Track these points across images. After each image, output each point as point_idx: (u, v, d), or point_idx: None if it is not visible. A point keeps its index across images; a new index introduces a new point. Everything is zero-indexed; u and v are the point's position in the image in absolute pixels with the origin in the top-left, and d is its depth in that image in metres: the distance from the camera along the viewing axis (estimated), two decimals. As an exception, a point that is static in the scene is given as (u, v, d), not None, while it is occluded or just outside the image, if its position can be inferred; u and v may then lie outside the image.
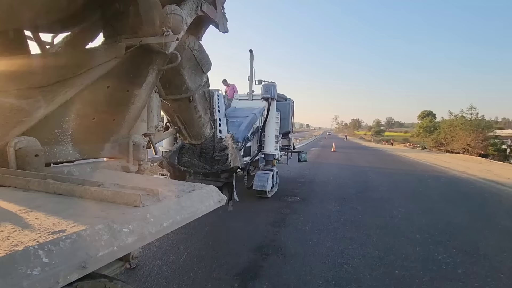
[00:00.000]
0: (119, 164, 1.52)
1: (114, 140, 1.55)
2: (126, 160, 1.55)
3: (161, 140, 2.78)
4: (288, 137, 8.20)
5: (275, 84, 6.14)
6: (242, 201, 5.87)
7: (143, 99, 1.56)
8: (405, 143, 50.07)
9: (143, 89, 1.50)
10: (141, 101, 1.55)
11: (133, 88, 1.46)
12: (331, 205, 6.00)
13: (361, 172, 11.19)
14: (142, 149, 1.56)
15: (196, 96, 2.95)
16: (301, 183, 8.27)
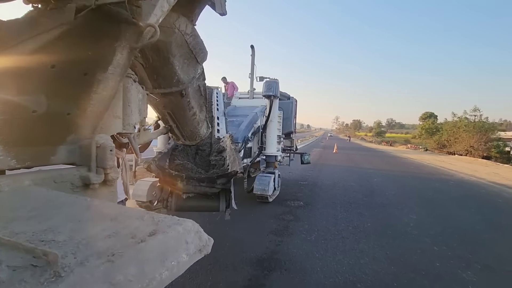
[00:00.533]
0: (76, 174, 1.13)
1: (71, 142, 1.16)
2: (87, 168, 1.16)
3: (148, 140, 2.40)
4: (290, 138, 7.81)
5: (278, 81, 5.75)
6: (241, 206, 5.47)
7: (111, 87, 1.17)
8: (406, 144, 49.77)
9: (110, 73, 1.12)
10: (108, 90, 1.16)
11: (94, 71, 1.07)
12: (337, 210, 5.60)
13: (365, 175, 10.79)
14: (109, 153, 1.17)
15: (189, 90, 2.55)
16: (304, 186, 7.87)
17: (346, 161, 15.91)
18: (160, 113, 2.79)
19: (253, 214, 5.09)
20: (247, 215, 5.01)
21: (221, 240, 3.85)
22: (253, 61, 7.10)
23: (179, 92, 2.51)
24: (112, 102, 1.35)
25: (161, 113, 2.78)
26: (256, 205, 5.62)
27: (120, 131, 1.44)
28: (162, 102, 2.62)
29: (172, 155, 3.15)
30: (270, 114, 5.77)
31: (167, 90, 2.43)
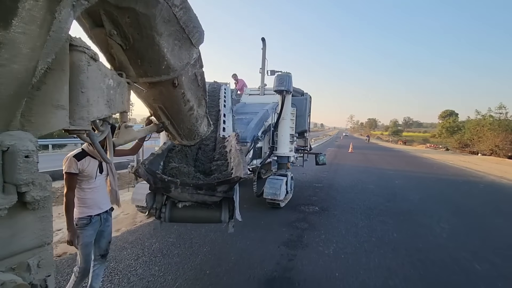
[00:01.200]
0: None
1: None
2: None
3: (131, 139, 1.98)
4: (304, 137, 7.27)
5: (291, 74, 5.24)
6: (250, 212, 5.03)
7: (27, 56, 0.74)
8: (425, 143, 47.79)
9: (16, 32, 0.69)
10: (21, 61, 0.73)
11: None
12: (357, 217, 5.03)
13: (385, 176, 10.06)
14: (24, 161, 0.74)
15: (183, 79, 2.11)
16: (319, 189, 7.31)
17: (363, 161, 15.12)
18: (151, 108, 2.36)
19: (263, 221, 4.62)
20: (256, 222, 4.55)
21: (226, 252, 3.41)
22: (264, 54, 6.61)
23: (170, 82, 2.06)
24: (48, 84, 0.93)
25: (152, 108, 2.36)
26: (267, 211, 5.15)
27: (66, 127, 1.02)
28: (151, 94, 2.19)
29: (168, 157, 2.72)
30: (282, 111, 5.27)
31: (155, 78, 1.99)
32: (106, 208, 2.27)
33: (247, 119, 5.44)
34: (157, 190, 2.30)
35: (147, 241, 3.63)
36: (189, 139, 2.79)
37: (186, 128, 2.64)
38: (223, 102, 4.96)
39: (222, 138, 3.63)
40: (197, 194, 2.28)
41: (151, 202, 2.37)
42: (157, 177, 2.26)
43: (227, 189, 2.24)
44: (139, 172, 2.20)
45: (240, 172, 2.28)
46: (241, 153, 2.71)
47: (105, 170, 2.25)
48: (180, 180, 2.27)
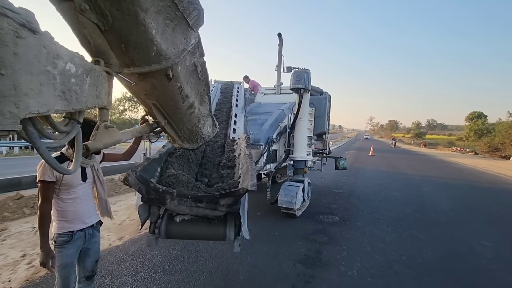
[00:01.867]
0: None
1: None
2: None
3: (113, 142, 1.64)
4: (323, 139, 6.77)
5: (309, 71, 4.79)
6: (264, 220, 4.62)
7: None
8: (451, 147, 45.24)
9: None
10: None
11: None
12: (383, 230, 4.48)
13: (410, 182, 9.29)
14: None
15: (179, 70, 1.76)
16: (339, 196, 6.77)
17: (385, 165, 14.25)
18: (145, 105, 2.03)
19: (277, 232, 4.20)
20: (269, 233, 4.13)
21: (234, 270, 3.02)
22: (280, 51, 6.19)
23: (163, 73, 1.71)
24: None
25: (146, 105, 2.02)
26: (282, 220, 4.72)
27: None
28: (142, 88, 1.85)
29: (167, 163, 2.38)
30: (300, 111, 4.83)
31: (144, 68, 1.64)
32: (92, 221, 1.95)
33: (261, 119, 5.05)
34: (151, 201, 1.96)
35: (149, 253, 3.32)
36: (191, 142, 2.43)
37: (186, 129, 2.28)
38: (235, 101, 4.60)
39: (232, 140, 3.26)
40: (197, 207, 1.91)
41: (144, 215, 2.03)
42: (150, 187, 1.92)
43: (231, 203, 1.86)
44: (128, 181, 1.87)
45: (247, 182, 1.89)
46: (250, 159, 2.32)
47: (90, 177, 1.94)
48: (176, 191, 1.91)
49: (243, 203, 2.08)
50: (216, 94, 5.16)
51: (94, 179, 1.96)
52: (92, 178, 1.95)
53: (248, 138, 2.88)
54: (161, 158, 2.37)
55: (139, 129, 1.90)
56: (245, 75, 7.39)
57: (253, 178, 1.90)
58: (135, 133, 1.83)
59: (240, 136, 3.22)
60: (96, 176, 1.97)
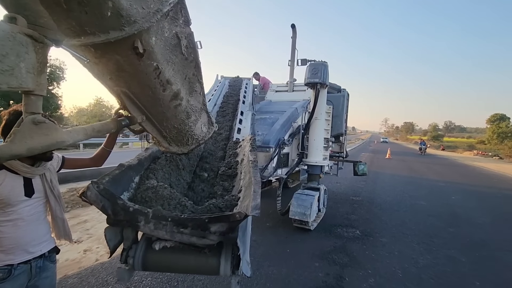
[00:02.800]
0: None
1: None
2: None
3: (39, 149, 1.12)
4: (339, 141, 6.13)
5: (327, 64, 4.19)
6: (274, 234, 4.04)
7: None
8: (471, 150, 42.98)
9: None
10: None
11: None
12: (414, 250, 3.81)
13: (436, 190, 8.46)
14: None
15: (152, 42, 1.23)
16: (358, 204, 6.10)
17: (405, 169, 13.33)
18: (114, 95, 1.52)
19: (288, 249, 3.61)
20: (280, 250, 3.55)
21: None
22: (294, 44, 5.62)
23: (128, 45, 1.19)
24: None
25: (115, 95, 1.51)
26: (294, 233, 4.13)
27: None
28: (104, 69, 1.34)
29: (148, 171, 1.85)
30: (315, 109, 4.23)
31: (99, 37, 1.13)
32: (42, 250, 1.45)
33: (272, 119, 4.49)
34: (119, 224, 1.44)
35: (137, 273, 2.83)
36: (180, 144, 1.90)
37: (172, 128, 1.74)
38: (242, 97, 4.07)
39: (235, 142, 2.72)
40: (180, 233, 1.36)
41: (114, 240, 1.51)
42: (118, 205, 1.40)
43: (225, 230, 1.30)
44: (87, 196, 1.35)
45: (247, 202, 1.35)
46: (255, 167, 1.76)
47: (40, 191, 1.44)
48: (152, 211, 1.38)
49: (243, 229, 1.52)
50: (223, 88, 4.65)
51: (46, 193, 1.46)
52: (42, 192, 1.45)
53: (253, 139, 2.32)
54: (141, 165, 1.85)
55: (97, 126, 1.36)
56: (255, 72, 6.86)
57: (255, 197, 1.34)
58: (90, 131, 1.30)
59: (245, 138, 2.68)
60: (49, 189, 1.46)
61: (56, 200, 1.50)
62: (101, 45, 1.18)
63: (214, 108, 3.88)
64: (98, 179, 1.48)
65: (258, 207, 1.26)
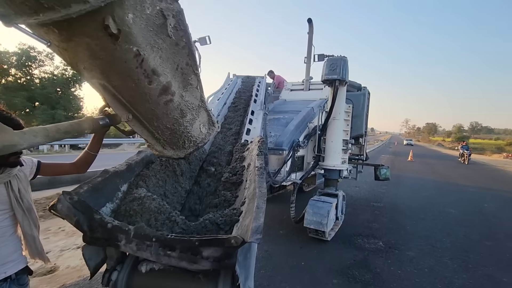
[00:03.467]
0: None
1: None
2: None
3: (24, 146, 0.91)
4: (359, 143, 5.72)
5: (346, 59, 3.83)
6: (287, 243, 3.73)
7: None
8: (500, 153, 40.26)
9: None
10: None
11: None
12: (447, 267, 3.37)
13: (466, 196, 7.77)
14: None
15: (129, 19, 0.98)
16: (380, 211, 5.64)
17: (429, 173, 12.52)
18: (94, 88, 1.29)
19: (303, 261, 3.29)
20: (293, 263, 3.23)
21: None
22: (310, 40, 5.28)
23: (98, 24, 0.95)
24: None
25: (95, 88, 1.28)
26: (309, 242, 3.80)
27: None
28: (74, 55, 1.12)
29: (139, 178, 1.61)
30: (334, 108, 3.88)
31: (59, 13, 0.89)
32: (7, 272, 1.24)
33: (286, 119, 4.18)
34: (97, 242, 1.20)
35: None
36: (176, 148, 1.64)
37: (165, 128, 1.49)
38: (254, 96, 3.80)
39: (242, 145, 2.44)
40: (167, 256, 1.11)
41: (95, 260, 1.28)
42: (95, 220, 1.17)
43: (220, 256, 1.02)
44: (57, 209, 1.13)
45: (247, 224, 1.07)
46: (261, 176, 1.47)
47: (4, 203, 1.23)
48: (134, 228, 1.13)
49: (245, 251, 1.23)
50: (235, 86, 4.41)
51: (12, 205, 1.25)
52: (7, 204, 1.23)
53: (262, 142, 2.04)
54: (131, 171, 1.60)
55: (64, 126, 1.11)
56: (270, 70, 6.58)
57: (258, 215, 1.05)
58: (54, 133, 1.04)
59: (253, 139, 2.40)
60: (15, 201, 1.25)
61: (24, 214, 1.28)
62: (64, 24, 0.94)
63: (224, 107, 3.63)
64: (73, 189, 1.25)
65: (260, 231, 0.97)
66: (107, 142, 18.87)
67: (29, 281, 1.38)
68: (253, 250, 1.35)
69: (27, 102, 17.44)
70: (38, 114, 16.81)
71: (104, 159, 7.44)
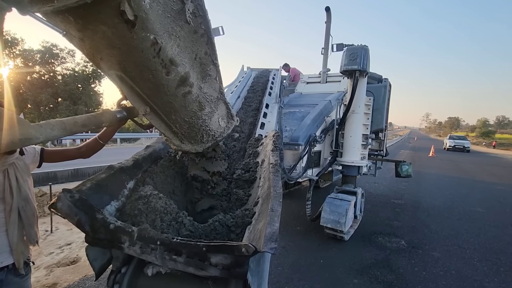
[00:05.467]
0: None
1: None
2: None
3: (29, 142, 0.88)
4: (379, 138, 5.48)
5: (367, 48, 3.64)
6: (304, 239, 3.64)
7: None
8: (531, 148, 37.85)
9: None
10: None
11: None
12: (476, 269, 3.17)
13: (493, 194, 7.34)
14: None
15: (146, 5, 0.92)
16: (401, 209, 5.43)
17: (453, 169, 11.95)
18: (111, 80, 1.25)
19: (322, 259, 3.20)
20: (311, 261, 3.15)
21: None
22: (328, 30, 5.09)
23: (113, 10, 0.90)
24: None
25: (112, 79, 1.24)
26: (327, 239, 3.70)
27: None
28: (91, 45, 1.07)
29: (146, 174, 1.55)
30: (353, 100, 3.71)
31: None
32: (4, 262, 1.23)
33: (302, 113, 4.06)
34: (99, 243, 1.15)
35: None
36: (194, 142, 1.59)
37: (182, 122, 1.44)
38: (269, 89, 3.70)
39: (256, 139, 2.35)
40: (173, 261, 1.04)
41: (99, 261, 1.21)
42: (97, 220, 1.12)
43: (230, 264, 0.94)
44: (57, 208, 1.08)
45: (260, 229, 0.98)
46: (275, 173, 1.38)
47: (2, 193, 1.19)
48: (137, 230, 1.07)
49: (258, 258, 1.15)
50: (249, 79, 4.32)
51: (4, 195, 1.21)
52: (3, 193, 1.21)
53: (278, 136, 1.95)
54: (138, 167, 1.53)
55: (82, 119, 1.08)
56: (285, 63, 6.43)
57: (273, 219, 0.96)
58: (71, 126, 1.02)
59: (268, 134, 2.31)
60: (9, 191, 1.21)
61: (22, 203, 1.25)
62: (79, 10, 0.90)
63: (238, 101, 3.56)
64: (75, 187, 1.21)
65: (274, 238, 0.87)
66: (126, 137, 19.41)
67: (30, 272, 1.36)
68: (267, 254, 1.27)
69: (51, 98, 18.18)
70: (62, 110, 17.47)
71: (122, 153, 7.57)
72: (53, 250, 3.31)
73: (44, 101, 17.27)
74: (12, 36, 16.42)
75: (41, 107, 17.60)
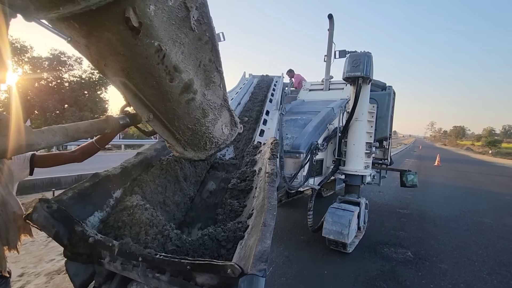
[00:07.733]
0: None
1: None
2: None
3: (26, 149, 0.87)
4: (383, 146, 5.42)
5: (371, 54, 3.63)
6: (307, 249, 3.57)
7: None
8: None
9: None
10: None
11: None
12: (485, 282, 3.06)
13: (503, 205, 7.17)
14: None
15: (150, 12, 0.92)
16: (406, 218, 5.32)
17: (459, 179, 11.76)
18: (115, 87, 1.25)
19: (326, 270, 3.12)
20: (315, 272, 3.07)
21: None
22: (331, 37, 5.12)
23: (118, 17, 0.90)
24: None
25: (116, 86, 1.24)
26: (331, 250, 3.61)
27: None
28: (96, 52, 1.07)
29: (135, 183, 1.50)
30: (356, 108, 3.68)
31: (79, 5, 0.85)
32: None
33: (304, 120, 4.02)
34: (79, 258, 1.10)
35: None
36: (197, 149, 1.57)
37: (186, 129, 1.42)
38: (270, 96, 3.70)
39: (254, 147, 2.31)
40: (156, 279, 0.99)
41: (80, 276, 1.09)
42: (76, 232, 1.08)
43: (217, 285, 0.88)
44: (33, 219, 1.03)
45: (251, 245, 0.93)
46: (271, 183, 1.33)
47: None
48: (118, 244, 1.03)
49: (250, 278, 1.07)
50: (250, 86, 4.33)
51: None
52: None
53: (276, 144, 1.90)
54: (126, 175, 1.46)
55: (84, 125, 1.06)
56: (290, 69, 6.45)
57: (264, 235, 0.91)
58: (73, 132, 1.00)
59: (266, 141, 2.27)
60: None
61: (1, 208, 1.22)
62: (84, 17, 0.90)
63: (238, 108, 3.55)
64: (54, 196, 1.15)
65: (264, 258, 0.79)
66: (130, 143, 19.52)
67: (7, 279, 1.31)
68: None
69: (58, 104, 18.45)
70: (68, 116, 17.69)
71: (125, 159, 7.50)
72: (54, 257, 3.29)
73: (50, 107, 17.51)
74: (22, 44, 16.79)
75: (47, 113, 17.82)
